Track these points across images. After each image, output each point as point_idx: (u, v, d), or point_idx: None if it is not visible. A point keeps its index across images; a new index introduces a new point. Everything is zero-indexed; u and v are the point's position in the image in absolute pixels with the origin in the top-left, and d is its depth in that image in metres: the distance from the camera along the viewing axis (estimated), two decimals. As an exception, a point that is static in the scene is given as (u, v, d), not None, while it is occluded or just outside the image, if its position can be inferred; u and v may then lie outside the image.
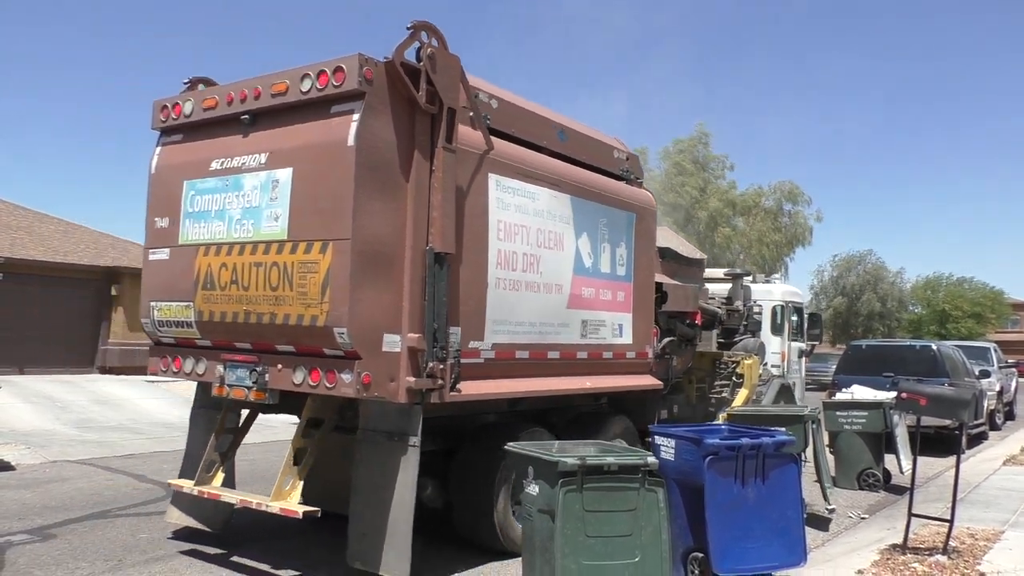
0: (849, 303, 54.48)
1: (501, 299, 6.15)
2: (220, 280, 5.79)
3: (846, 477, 10.04)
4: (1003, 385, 19.25)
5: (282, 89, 5.60)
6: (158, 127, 6.53)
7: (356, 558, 5.48)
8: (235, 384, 5.80)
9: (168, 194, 6.28)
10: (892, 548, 6.30)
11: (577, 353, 7.06)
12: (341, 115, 5.30)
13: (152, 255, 6.40)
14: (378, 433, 5.59)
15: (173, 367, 6.33)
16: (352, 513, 5.57)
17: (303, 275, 5.31)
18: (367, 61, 5.26)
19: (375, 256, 5.29)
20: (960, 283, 55.22)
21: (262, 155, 5.68)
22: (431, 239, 5.49)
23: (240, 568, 6.04)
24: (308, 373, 5.40)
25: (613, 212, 7.53)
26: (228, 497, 6.00)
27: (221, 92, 6.06)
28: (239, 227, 5.74)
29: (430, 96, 5.52)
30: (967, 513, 7.60)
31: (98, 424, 14.35)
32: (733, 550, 5.33)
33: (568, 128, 7.39)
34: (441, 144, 5.54)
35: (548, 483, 4.70)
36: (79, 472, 9.92)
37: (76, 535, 6.79)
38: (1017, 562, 5.86)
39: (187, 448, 6.86)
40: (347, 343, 5.18)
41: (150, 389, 19.12)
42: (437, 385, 5.50)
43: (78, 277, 22.31)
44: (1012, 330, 62.73)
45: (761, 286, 14.72)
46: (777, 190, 45.22)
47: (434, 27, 5.57)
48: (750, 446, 5.45)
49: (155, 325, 6.40)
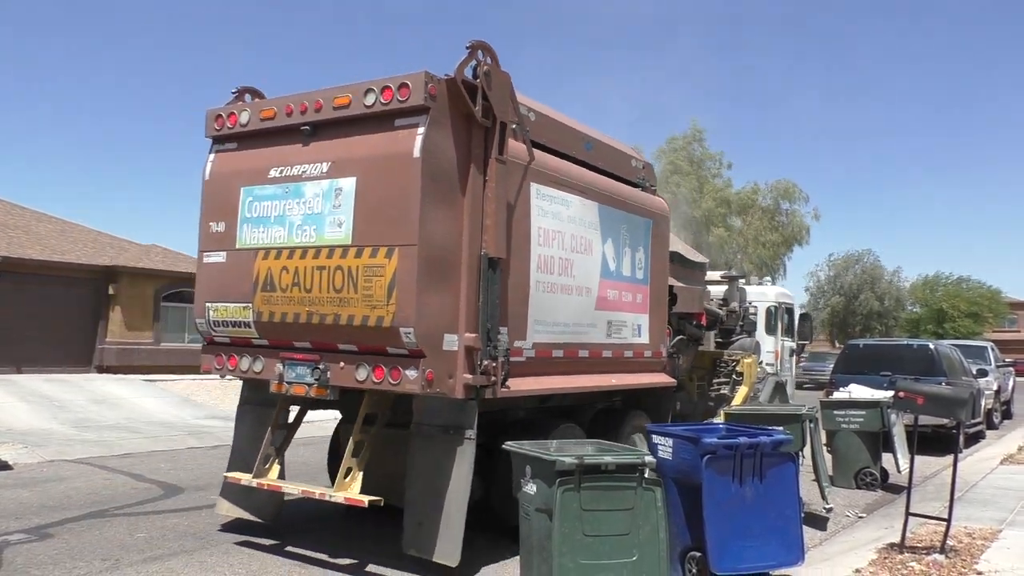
0: (847, 302, 54.51)
1: (541, 301, 6.52)
2: (281, 282, 6.08)
3: (844, 476, 10.05)
4: (1000, 384, 19.27)
5: (345, 102, 5.91)
6: (212, 135, 6.80)
7: (411, 545, 5.78)
8: (295, 381, 6.09)
9: (224, 200, 6.56)
10: (890, 547, 6.30)
11: (603, 352, 7.43)
12: (406, 128, 5.62)
13: (207, 258, 6.65)
14: (432, 427, 5.90)
15: (228, 365, 6.59)
16: (408, 503, 5.86)
17: (368, 278, 5.61)
18: (431, 78, 5.60)
19: (437, 261, 5.61)
20: (959, 283, 55.26)
21: (323, 164, 5.99)
22: (485, 245, 5.83)
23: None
24: (372, 370, 5.71)
25: (633, 218, 7.92)
26: (289, 488, 6.31)
27: (280, 103, 6.35)
28: (301, 232, 6.04)
29: (485, 111, 5.87)
30: (964, 512, 7.62)
31: (96, 423, 14.34)
32: (731, 549, 5.34)
33: (593, 138, 7.77)
34: (494, 156, 5.89)
35: (546, 482, 4.70)
36: (76, 471, 9.91)
37: (73, 534, 6.78)
38: (1015, 561, 5.87)
39: (234, 443, 7.12)
40: (412, 342, 5.49)
41: (148, 388, 19.11)
42: (491, 382, 5.83)
43: (75, 276, 22.28)
44: (1009, 329, 62.79)
45: (755, 288, 15.37)
46: (774, 188, 45.02)
47: (489, 46, 5.93)
48: (748, 445, 5.46)
49: (210, 325, 6.64)
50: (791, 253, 45.67)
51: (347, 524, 7.36)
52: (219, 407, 17.82)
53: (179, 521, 7.36)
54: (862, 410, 10.14)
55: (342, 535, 6.95)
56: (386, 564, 6.03)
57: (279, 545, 6.54)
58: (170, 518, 7.48)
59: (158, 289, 23.91)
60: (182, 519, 7.44)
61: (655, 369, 8.37)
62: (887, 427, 9.99)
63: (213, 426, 14.74)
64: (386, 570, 5.95)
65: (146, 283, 23.61)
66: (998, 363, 20.34)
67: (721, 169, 45.12)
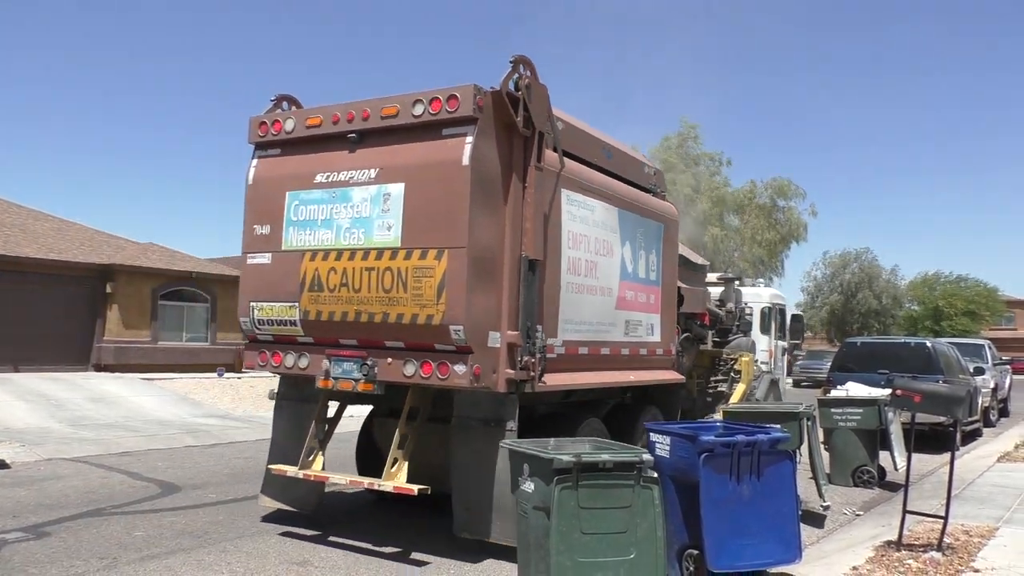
0: (845, 300, 54.58)
1: (570, 301, 6.86)
2: (329, 282, 6.39)
3: (841, 474, 10.06)
4: (997, 382, 19.28)
5: (392, 112, 6.25)
6: (255, 141, 7.08)
7: (463, 528, 6.16)
8: (341, 376, 6.39)
9: (268, 204, 6.85)
10: (887, 545, 6.31)
11: (622, 350, 7.79)
12: (454, 137, 5.98)
13: (251, 259, 6.94)
14: (474, 420, 6.24)
15: (272, 362, 6.86)
16: (456, 489, 6.22)
17: (418, 279, 5.96)
18: (479, 90, 5.96)
19: (483, 262, 5.97)
20: (957, 281, 55.30)
21: (371, 170, 6.31)
22: (524, 247, 6.20)
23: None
24: (420, 366, 6.06)
25: (647, 223, 8.29)
26: (337, 478, 6.67)
27: (326, 112, 6.65)
28: (349, 235, 6.36)
29: (526, 121, 6.21)
30: (962, 510, 7.63)
31: (93, 422, 14.32)
32: (728, 547, 5.34)
33: (611, 146, 8.10)
34: (533, 163, 6.27)
35: (543, 480, 4.70)
36: (74, 470, 9.90)
37: (71, 533, 6.77)
38: (1012, 558, 5.88)
39: (273, 437, 7.36)
40: (461, 339, 5.84)
41: (145, 387, 19.09)
42: (529, 377, 6.19)
43: (73, 275, 22.26)
44: (1006, 327, 62.89)
45: (750, 289, 15.93)
46: (770, 186, 44.86)
47: (529, 60, 6.29)
48: (745, 443, 5.46)
49: (254, 323, 6.93)
50: (788, 251, 45.61)
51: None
52: (217, 406, 17.81)
53: (177, 519, 7.35)
54: (859, 408, 10.15)
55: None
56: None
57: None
58: (167, 516, 7.47)
59: (155, 288, 23.88)
60: (180, 517, 7.44)
61: (666, 366, 8.75)
62: (884, 425, 9.99)
63: (211, 424, 14.73)
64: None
65: (143, 281, 23.58)
66: (995, 361, 20.36)
67: (720, 167, 45.00)
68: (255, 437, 13.44)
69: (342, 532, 6.88)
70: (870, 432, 10.05)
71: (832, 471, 10.01)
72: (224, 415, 16.49)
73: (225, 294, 25.90)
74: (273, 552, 6.29)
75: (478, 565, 6.05)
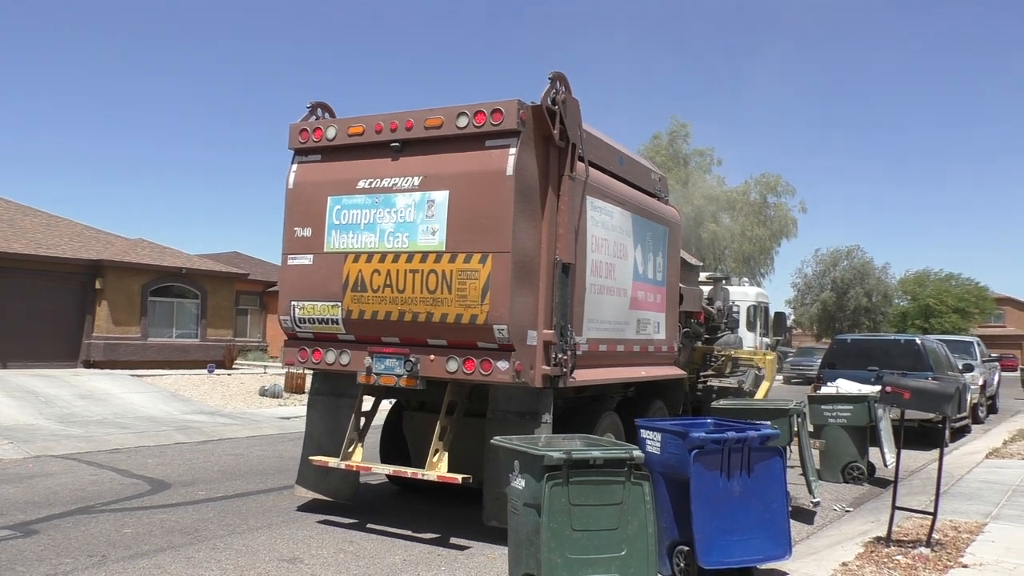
0: (836, 297, 54.75)
1: (593, 301, 7.21)
2: (372, 283, 6.74)
3: (831, 470, 10.10)
4: (986, 379, 19.40)
5: (437, 123, 6.60)
6: (295, 147, 7.39)
7: (492, 517, 6.40)
8: (384, 372, 6.74)
9: (310, 207, 7.18)
10: (876, 541, 6.34)
11: (633, 347, 8.19)
12: (498, 148, 6.34)
13: (292, 260, 7.25)
14: (510, 413, 6.60)
15: (313, 359, 7.22)
16: (488, 479, 6.49)
17: (463, 281, 6.32)
18: (522, 105, 6.32)
19: (524, 266, 6.34)
20: (947, 279, 55.54)
21: (415, 178, 6.67)
22: (558, 252, 6.59)
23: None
24: (462, 363, 6.42)
25: (655, 226, 8.70)
26: (380, 469, 7.17)
27: (370, 121, 7.01)
28: (393, 239, 6.71)
29: (561, 134, 6.60)
30: (950, 506, 7.67)
31: (82, 419, 14.25)
32: (718, 543, 5.35)
33: (624, 154, 8.40)
34: (566, 173, 6.67)
35: (534, 477, 4.69)
36: (63, 467, 9.85)
37: (59, 531, 6.74)
38: (999, 554, 5.91)
39: (307, 429, 7.68)
40: (504, 338, 6.22)
41: (135, 383, 19.02)
42: (562, 372, 6.53)
43: (62, 270, 22.14)
44: (995, 324, 63.24)
45: (737, 288, 16.34)
46: (759, 182, 44.88)
47: (564, 76, 6.67)
48: (736, 440, 5.48)
49: (295, 322, 7.24)
50: (779, 247, 45.66)
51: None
52: (206, 402, 17.75)
53: (166, 517, 7.32)
54: (849, 404, 10.19)
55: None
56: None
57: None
58: (157, 514, 7.44)
59: (145, 284, 23.79)
60: (169, 515, 7.41)
61: (670, 362, 9.19)
62: (874, 421, 10.03)
63: (201, 421, 14.68)
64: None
65: (133, 277, 23.48)
66: (984, 358, 20.48)
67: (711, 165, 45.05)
68: (246, 434, 13.40)
69: (332, 526, 6.88)
70: (860, 429, 10.08)
71: (822, 467, 10.04)
72: (214, 412, 16.43)
73: (215, 290, 25.83)
74: (263, 549, 6.27)
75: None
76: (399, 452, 8.30)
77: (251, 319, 35.72)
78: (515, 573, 4.91)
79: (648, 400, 8.74)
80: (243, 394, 19.17)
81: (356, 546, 6.40)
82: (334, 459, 7.00)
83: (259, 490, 8.67)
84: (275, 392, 19.11)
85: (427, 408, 7.80)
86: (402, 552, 6.26)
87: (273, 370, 24.96)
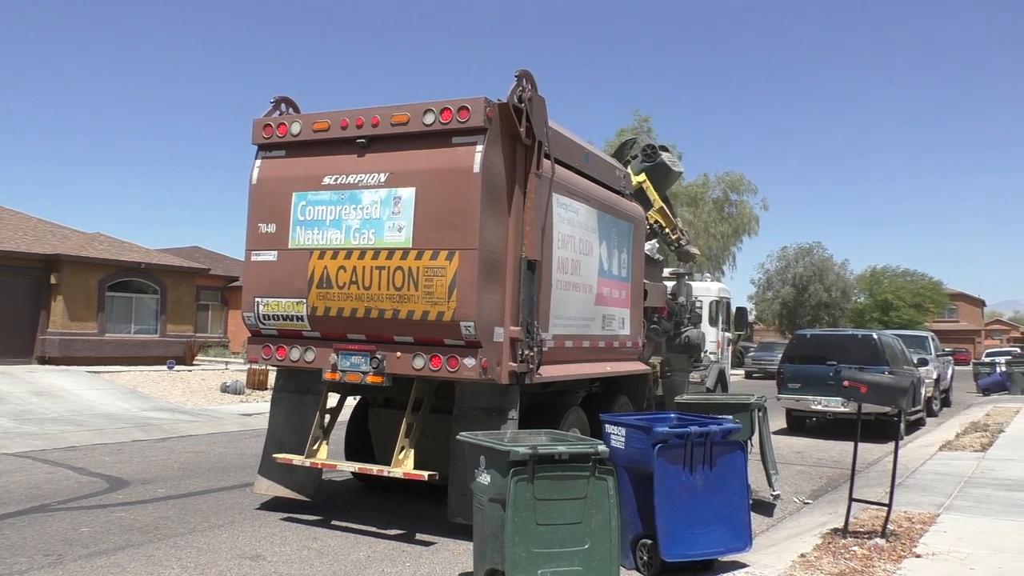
0: (796, 293, 55.64)
1: (559, 298, 7.18)
2: (338, 280, 6.67)
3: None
4: (940, 373, 19.85)
5: (403, 120, 6.57)
6: (259, 143, 7.31)
7: (457, 514, 6.40)
8: (349, 369, 6.72)
9: (274, 203, 7.09)
10: (834, 532, 6.46)
11: (599, 343, 8.16)
12: (464, 145, 6.33)
13: (256, 256, 7.16)
14: (476, 410, 6.58)
15: (277, 356, 7.14)
16: (452, 476, 6.49)
17: (430, 277, 6.29)
18: (489, 103, 6.33)
19: (490, 263, 6.33)
20: (904, 275, 56.74)
21: (381, 174, 6.63)
22: (525, 249, 6.59)
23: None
24: (429, 359, 6.40)
25: (620, 223, 8.72)
26: (345, 467, 7.20)
27: (335, 117, 6.93)
28: (359, 235, 6.64)
29: (528, 131, 6.61)
30: (905, 497, 7.85)
31: (37, 416, 13.93)
32: (681, 536, 5.42)
33: (589, 151, 8.42)
34: (533, 170, 6.66)
35: (499, 472, 4.71)
36: (17, 465, 9.62)
37: (13, 529, 6.59)
38: (951, 544, 6.07)
39: (270, 427, 7.62)
40: (471, 334, 6.20)
41: (92, 380, 18.64)
42: (529, 369, 6.52)
43: (15, 265, 21.61)
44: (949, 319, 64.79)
45: (700, 284, 16.61)
46: (723, 180, 45.43)
47: (531, 74, 6.68)
48: (698, 434, 5.55)
49: (259, 318, 7.16)
50: (740, 244, 46.26)
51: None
52: (166, 399, 17.48)
53: (125, 515, 7.20)
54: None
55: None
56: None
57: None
58: (115, 512, 7.31)
59: (103, 278, 23.32)
60: (128, 513, 7.29)
61: (634, 358, 9.18)
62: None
63: (160, 418, 14.44)
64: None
65: (90, 272, 23.00)
66: (938, 352, 20.97)
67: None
68: (206, 431, 13.22)
69: (296, 523, 6.83)
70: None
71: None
72: (174, 408, 16.18)
73: (175, 285, 25.41)
74: (225, 547, 6.20)
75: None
76: (364, 449, 8.29)
77: (212, 315, 35.23)
78: (480, 568, 4.93)
79: (613, 395, 8.79)
80: (204, 390, 18.90)
81: (320, 543, 6.36)
82: (299, 457, 6.96)
83: (221, 487, 8.56)
84: (237, 388, 18.88)
85: (393, 405, 7.77)
86: (367, 548, 6.24)
87: (235, 366, 24.64)
